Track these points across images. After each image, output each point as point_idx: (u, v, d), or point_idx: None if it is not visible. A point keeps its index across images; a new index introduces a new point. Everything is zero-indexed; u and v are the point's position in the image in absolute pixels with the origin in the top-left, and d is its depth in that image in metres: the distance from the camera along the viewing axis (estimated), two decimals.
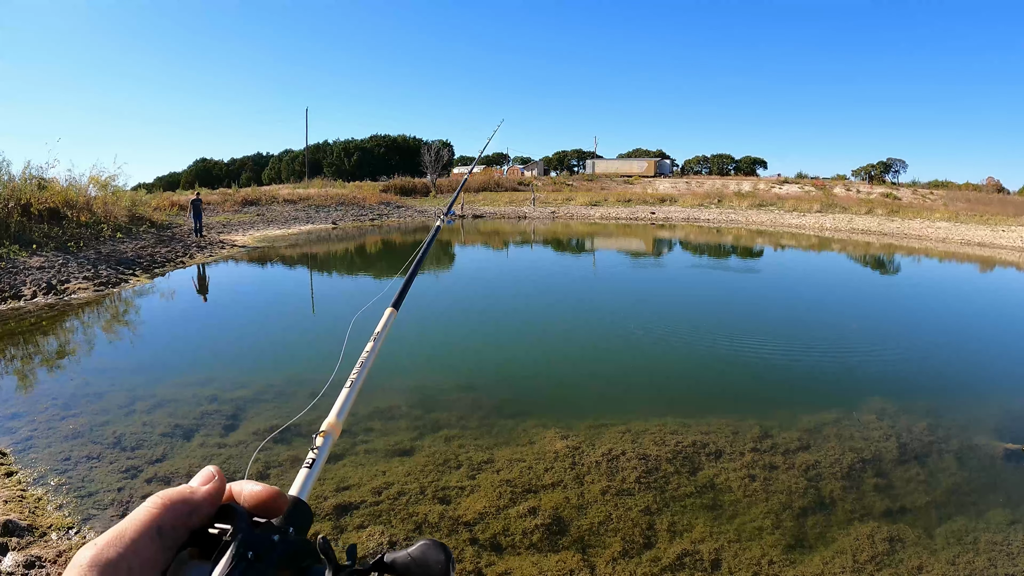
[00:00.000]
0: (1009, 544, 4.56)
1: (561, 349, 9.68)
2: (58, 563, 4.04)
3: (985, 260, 23.79)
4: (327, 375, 5.84)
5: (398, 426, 6.33)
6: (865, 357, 9.52)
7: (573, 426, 6.24)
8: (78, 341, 9.83)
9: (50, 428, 6.11)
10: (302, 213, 34.88)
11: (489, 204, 44.30)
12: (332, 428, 0.79)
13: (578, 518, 4.52)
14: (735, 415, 6.66)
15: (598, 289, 15.97)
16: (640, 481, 5.08)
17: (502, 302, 13.91)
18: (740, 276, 18.66)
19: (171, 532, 0.50)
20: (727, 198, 46.46)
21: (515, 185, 54.77)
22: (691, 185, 55.88)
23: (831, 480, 5.36)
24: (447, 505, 4.69)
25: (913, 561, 4.28)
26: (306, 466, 0.70)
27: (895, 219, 36.04)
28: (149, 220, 23.84)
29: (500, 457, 5.48)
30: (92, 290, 13.39)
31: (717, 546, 4.24)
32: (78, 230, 18.37)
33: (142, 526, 0.48)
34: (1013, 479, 5.68)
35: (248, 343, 9.93)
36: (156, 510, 0.50)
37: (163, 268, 16.95)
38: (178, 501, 0.51)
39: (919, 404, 7.28)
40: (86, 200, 20.18)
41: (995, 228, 31.58)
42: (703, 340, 10.34)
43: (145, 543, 0.48)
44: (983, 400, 7.64)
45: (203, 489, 0.54)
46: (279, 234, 27.34)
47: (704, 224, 36.90)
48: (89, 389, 7.30)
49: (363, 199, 41.30)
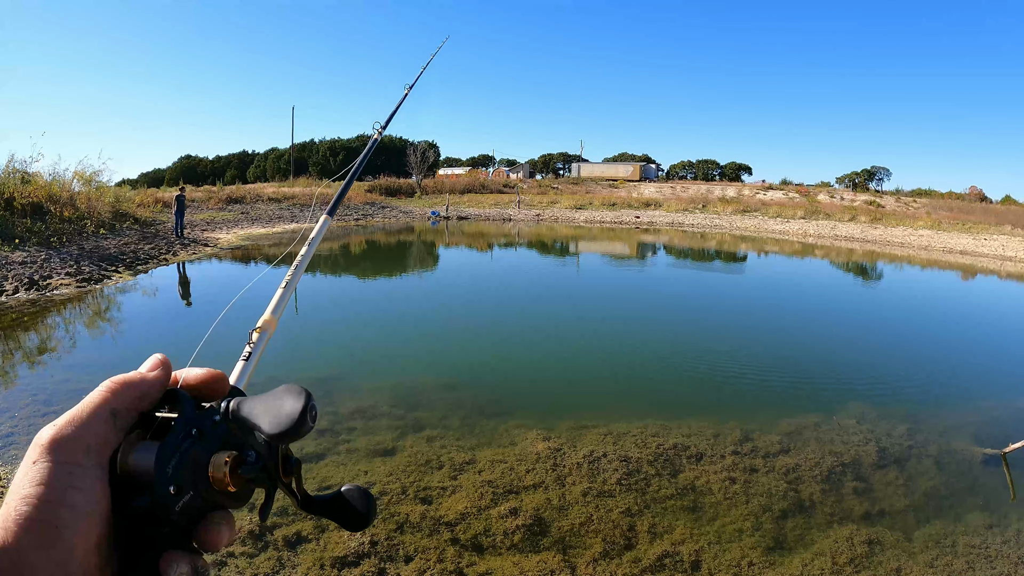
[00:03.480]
0: (987, 547, 4.60)
1: (543, 350, 9.65)
2: None
3: (966, 268, 24.11)
4: (312, 373, 5.73)
5: (379, 425, 6.27)
6: (845, 362, 9.60)
7: (555, 427, 6.21)
8: (60, 337, 9.68)
9: (31, 426, 5.93)
10: (286, 212, 34.61)
11: (474, 206, 44.24)
12: (267, 324, 0.80)
13: (559, 519, 4.49)
14: (716, 418, 6.67)
15: (581, 291, 16.00)
16: (621, 483, 5.06)
17: (485, 302, 13.90)
18: (722, 280, 18.78)
19: (123, 414, 0.53)
20: (712, 203, 46.80)
21: (500, 187, 54.74)
22: (676, 190, 56.25)
23: (811, 483, 5.38)
24: (429, 505, 4.64)
25: (892, 563, 4.30)
26: (243, 358, 0.74)
27: (878, 226, 36.48)
28: (133, 216, 23.54)
29: (482, 458, 5.44)
30: (74, 286, 13.17)
31: (697, 547, 4.23)
32: (61, 225, 18.05)
33: (97, 408, 0.51)
34: (990, 483, 5.73)
35: (231, 343, 9.79)
36: (109, 394, 0.53)
37: (146, 265, 16.71)
38: (129, 385, 0.54)
39: (898, 409, 7.34)
40: (70, 195, 19.87)
41: (977, 236, 32.05)
42: (684, 343, 10.39)
43: (100, 424, 0.51)
44: (961, 405, 7.72)
45: (151, 374, 0.56)
46: (263, 232, 27.11)
47: (688, 229, 37.10)
48: (70, 386, 7.13)
49: (348, 199, 41.05)
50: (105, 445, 0.50)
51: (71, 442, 0.48)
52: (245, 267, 18.58)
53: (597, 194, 52.33)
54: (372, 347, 9.61)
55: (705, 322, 12.30)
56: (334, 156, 64.07)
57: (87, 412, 0.51)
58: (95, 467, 0.49)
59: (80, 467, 0.48)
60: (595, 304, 13.93)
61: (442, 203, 42.02)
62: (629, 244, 29.48)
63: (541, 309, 13.10)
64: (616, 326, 11.56)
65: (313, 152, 65.60)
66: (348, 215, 36.25)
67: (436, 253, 24.50)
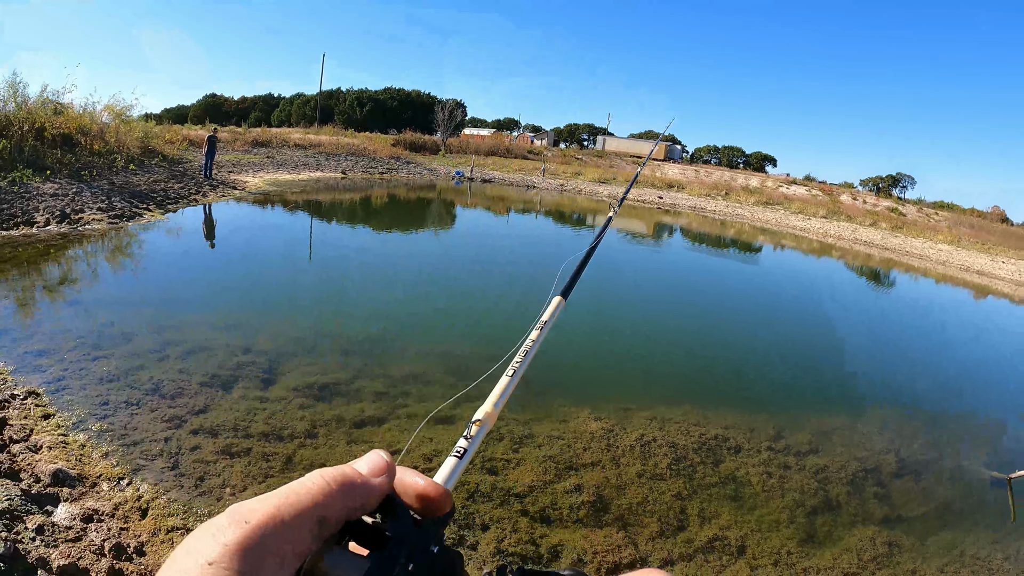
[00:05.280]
0: (991, 560, 5.12)
1: (581, 330, 9.86)
2: (116, 516, 3.93)
3: (982, 288, 24.42)
4: (354, 330, 6.41)
5: (434, 392, 6.57)
6: (868, 368, 10.11)
7: (601, 408, 6.66)
8: (98, 275, 9.65)
9: (82, 369, 5.95)
10: (312, 159, 34.69)
11: (498, 169, 44.15)
12: (488, 417, 0.74)
13: (618, 497, 5.00)
14: (750, 412, 7.16)
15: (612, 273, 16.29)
16: (671, 468, 5.57)
17: (519, 276, 14.11)
18: (747, 273, 19.12)
19: (332, 524, 0.45)
20: (734, 191, 46.61)
21: (525, 153, 54.40)
22: (700, 174, 55.80)
23: (837, 484, 5.88)
24: (496, 476, 5.10)
25: (908, 565, 4.82)
26: (455, 455, 0.64)
27: (899, 235, 36.56)
28: (161, 153, 23.62)
29: (539, 432, 5.92)
30: (106, 222, 13.24)
31: (742, 534, 4.75)
32: (91, 158, 18.06)
33: (304, 510, 0.43)
34: (995, 504, 6.25)
35: (270, 290, 10.23)
36: (322, 496, 0.44)
37: (176, 204, 16.90)
38: (350, 490, 0.46)
39: (917, 422, 7.88)
40: (99, 128, 19.91)
41: (995, 258, 32.13)
42: (714, 333, 10.83)
43: (303, 532, 0.42)
44: (974, 426, 8.27)
45: (376, 482, 0.48)
46: (289, 179, 27.36)
47: (710, 215, 37.22)
48: (116, 329, 7.17)
49: (374, 151, 41.08)
50: (299, 557, 0.42)
51: (264, 550, 0.40)
52: (276, 213, 18.96)
53: (621, 169, 51.96)
54: (413, 311, 10.02)
55: (730, 314, 12.76)
56: (361, 106, 63.86)
57: (292, 514, 0.42)
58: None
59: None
60: (626, 287, 14.24)
61: (466, 163, 41.96)
62: (650, 226, 29.73)
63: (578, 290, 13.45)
64: (647, 311, 12.01)
65: (340, 101, 65.35)
66: (373, 168, 36.38)
67: (455, 215, 24.75)
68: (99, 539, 3.71)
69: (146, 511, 4.07)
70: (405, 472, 0.51)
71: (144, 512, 4.06)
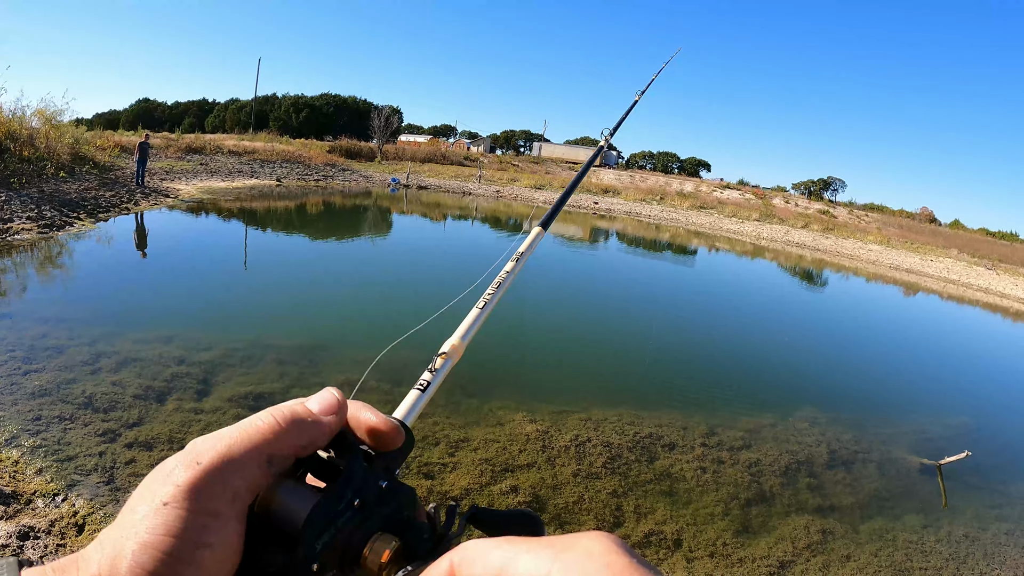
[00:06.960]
0: (923, 543, 5.23)
1: (514, 332, 9.80)
2: (52, 533, 3.87)
3: (910, 285, 25.57)
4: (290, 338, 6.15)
5: (370, 399, 6.37)
6: (798, 366, 10.33)
7: (537, 410, 6.55)
8: (27, 287, 9.31)
9: (13, 383, 5.75)
10: (246, 167, 33.67)
11: (435, 176, 43.76)
12: (455, 350, 0.71)
13: (554, 497, 4.90)
14: (683, 411, 7.18)
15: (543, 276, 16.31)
16: (606, 466, 5.51)
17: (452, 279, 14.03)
18: (676, 274, 19.47)
19: (281, 461, 0.45)
20: (669, 196, 47.64)
21: (461, 160, 54.33)
22: (635, 179, 56.82)
23: (771, 476, 5.93)
24: (432, 480, 4.96)
25: (842, 551, 4.88)
26: (418, 388, 0.62)
27: (830, 236, 38.03)
28: (92, 160, 22.63)
29: (475, 436, 5.77)
30: (36, 231, 12.67)
31: (677, 528, 4.71)
32: (20, 165, 17.22)
33: (253, 449, 0.43)
34: (925, 489, 6.42)
35: (204, 300, 9.82)
36: (271, 434, 0.44)
37: (108, 213, 16.15)
38: (299, 427, 0.45)
39: (846, 415, 8.03)
40: (29, 134, 19.00)
41: (924, 257, 33.77)
42: (644, 335, 10.91)
43: (253, 469, 0.43)
44: (901, 416, 8.52)
45: (326, 420, 0.47)
46: (223, 186, 26.49)
47: (645, 220, 37.92)
48: (47, 342, 6.90)
49: (309, 158, 40.09)
50: (251, 492, 0.43)
51: (216, 488, 0.41)
52: (209, 220, 18.34)
53: (557, 175, 52.41)
54: (347, 317, 9.77)
55: (664, 316, 12.91)
56: (297, 112, 62.71)
57: (241, 452, 0.42)
58: (234, 518, 0.42)
59: (218, 519, 0.41)
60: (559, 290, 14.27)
61: (402, 170, 41.49)
62: (586, 230, 30.05)
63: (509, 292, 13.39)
64: (582, 314, 12.03)
65: (275, 107, 64.07)
66: (308, 175, 35.60)
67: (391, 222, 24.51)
68: (36, 557, 3.71)
69: (83, 527, 3.99)
70: (359, 408, 0.50)
71: (81, 528, 3.99)
